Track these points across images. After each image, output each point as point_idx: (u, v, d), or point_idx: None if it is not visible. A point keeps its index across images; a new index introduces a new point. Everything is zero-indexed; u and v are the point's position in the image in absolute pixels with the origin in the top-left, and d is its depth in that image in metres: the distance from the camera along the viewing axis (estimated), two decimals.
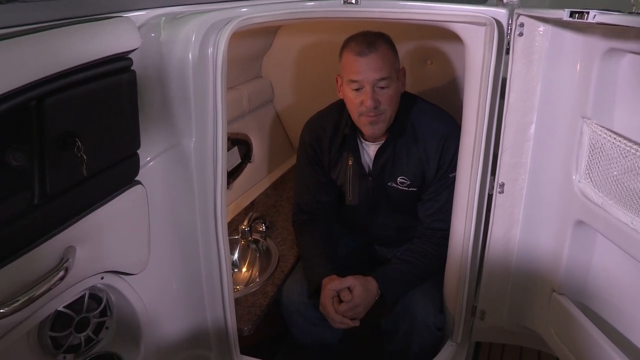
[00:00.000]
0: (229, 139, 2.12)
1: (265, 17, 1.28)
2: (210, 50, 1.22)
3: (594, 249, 1.30)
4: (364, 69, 1.52)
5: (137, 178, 1.24)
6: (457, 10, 1.27)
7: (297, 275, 1.76)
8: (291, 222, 1.90)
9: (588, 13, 0.88)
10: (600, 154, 1.18)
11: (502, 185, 1.38)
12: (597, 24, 0.89)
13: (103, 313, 1.30)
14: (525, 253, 1.42)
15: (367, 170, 1.73)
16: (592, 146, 1.20)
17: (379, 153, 1.69)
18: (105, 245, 1.19)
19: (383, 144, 1.68)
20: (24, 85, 0.91)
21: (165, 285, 1.38)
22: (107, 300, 1.30)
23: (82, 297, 1.23)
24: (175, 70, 1.22)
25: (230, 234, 1.96)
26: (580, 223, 1.26)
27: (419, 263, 1.64)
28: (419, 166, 1.66)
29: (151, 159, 1.27)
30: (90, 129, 1.07)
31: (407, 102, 1.68)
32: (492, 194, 1.41)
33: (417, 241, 1.70)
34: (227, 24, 1.21)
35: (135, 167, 1.23)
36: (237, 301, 1.61)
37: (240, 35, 1.94)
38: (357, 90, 1.56)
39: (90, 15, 1.12)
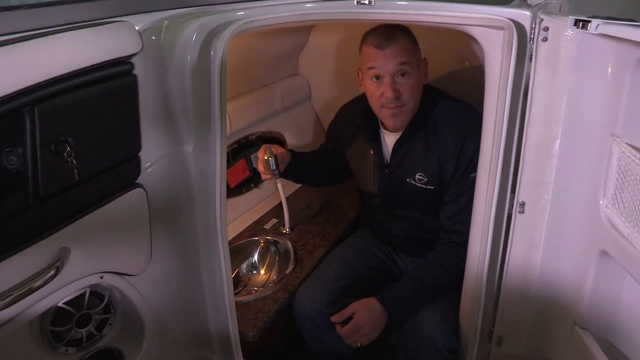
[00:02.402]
0: (260, 137, 2.11)
1: (270, 20, 1.23)
2: (211, 54, 1.20)
3: (622, 283, 1.15)
4: (383, 59, 1.49)
5: (138, 181, 1.25)
6: (473, 12, 1.16)
7: (311, 281, 1.73)
8: None
9: (590, 22, 0.76)
10: (630, 178, 1.03)
11: (522, 204, 1.25)
12: (599, 35, 0.76)
13: (107, 310, 1.34)
14: (547, 280, 1.29)
15: (385, 162, 1.71)
16: (620, 168, 1.05)
17: (397, 145, 1.65)
18: (104, 246, 1.21)
19: (401, 135, 1.63)
20: (17, 91, 0.94)
21: (167, 286, 1.39)
22: (109, 298, 1.33)
23: (84, 294, 1.27)
24: (176, 75, 1.21)
25: (255, 234, 1.97)
26: (605, 254, 1.11)
27: (430, 278, 1.55)
28: (437, 163, 1.59)
29: (153, 163, 1.27)
30: (86, 133, 1.09)
31: (430, 96, 1.62)
32: (511, 213, 1.29)
33: (432, 254, 1.61)
34: (228, 27, 1.18)
35: (135, 170, 1.24)
36: (246, 305, 1.61)
37: (272, 33, 1.92)
38: (377, 79, 1.53)
39: (92, 20, 1.14)
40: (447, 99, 1.64)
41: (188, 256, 1.38)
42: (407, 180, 1.66)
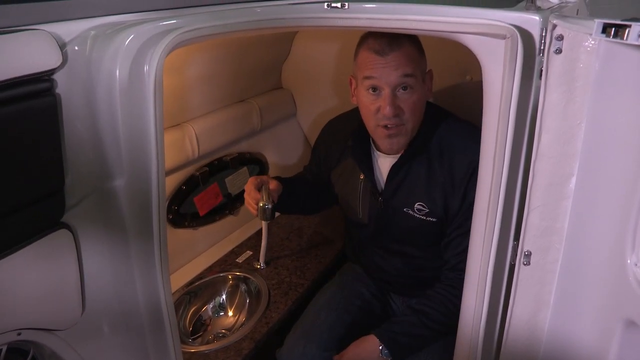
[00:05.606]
0: (235, 158, 1.89)
1: (218, 28, 1.01)
2: (145, 69, 0.98)
3: None
4: (384, 68, 1.26)
5: (63, 220, 1.04)
6: (467, 17, 0.93)
7: (300, 333, 1.49)
8: None
9: (629, 27, 0.52)
10: None
11: (528, 254, 1.02)
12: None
13: None
14: (557, 347, 1.05)
15: (379, 188, 1.47)
16: None
17: (393, 170, 1.41)
18: (17, 299, 1.00)
19: (399, 159, 1.40)
20: None
21: (104, 340, 1.18)
22: (34, 354, 1.12)
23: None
24: (103, 94, 0.99)
25: (225, 269, 1.74)
26: (633, 325, 0.87)
27: (435, 314, 1.35)
28: (441, 193, 1.37)
29: (82, 198, 1.06)
30: None
31: (435, 115, 1.40)
32: (514, 264, 1.05)
33: (438, 286, 1.41)
34: (165, 37, 0.97)
35: (58, 207, 1.02)
36: (205, 357, 1.38)
37: (247, 41, 1.71)
38: (373, 91, 1.30)
39: (3, 28, 0.93)
40: (454, 120, 1.43)
41: (128, 304, 1.16)
42: (405, 210, 1.43)
